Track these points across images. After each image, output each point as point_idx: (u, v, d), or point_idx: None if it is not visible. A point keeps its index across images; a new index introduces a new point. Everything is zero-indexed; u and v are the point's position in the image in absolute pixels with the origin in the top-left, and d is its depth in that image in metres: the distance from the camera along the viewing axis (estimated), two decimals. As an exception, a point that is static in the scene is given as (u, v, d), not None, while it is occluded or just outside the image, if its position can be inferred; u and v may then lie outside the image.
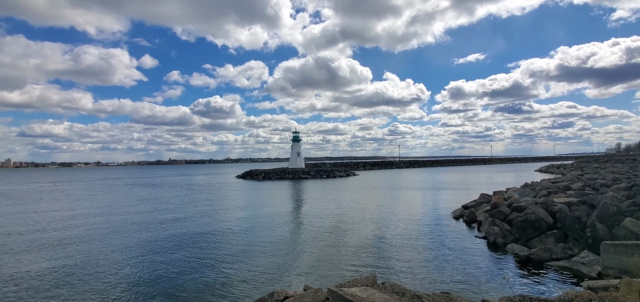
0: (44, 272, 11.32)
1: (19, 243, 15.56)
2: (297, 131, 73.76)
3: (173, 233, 17.19)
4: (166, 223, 20.01)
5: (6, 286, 10.19)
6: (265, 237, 15.79)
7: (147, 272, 11.17)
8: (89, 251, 14.07)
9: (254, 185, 50.18)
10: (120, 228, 18.74)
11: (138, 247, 14.53)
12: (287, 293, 7.14)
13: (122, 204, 29.66)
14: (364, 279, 8.19)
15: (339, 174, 66.73)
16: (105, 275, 11.02)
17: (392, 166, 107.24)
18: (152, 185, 54.68)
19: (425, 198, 29.84)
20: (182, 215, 22.93)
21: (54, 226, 19.64)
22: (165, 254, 13.40)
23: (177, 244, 14.97)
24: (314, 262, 11.91)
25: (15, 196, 39.68)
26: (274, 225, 18.76)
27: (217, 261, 12.21)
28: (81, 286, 10.06)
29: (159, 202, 31.03)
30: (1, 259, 13.06)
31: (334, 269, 11.11)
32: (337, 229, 17.20)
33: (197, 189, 44.39)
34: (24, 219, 22.63)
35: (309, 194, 35.81)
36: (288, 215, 22.28)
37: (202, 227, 18.48)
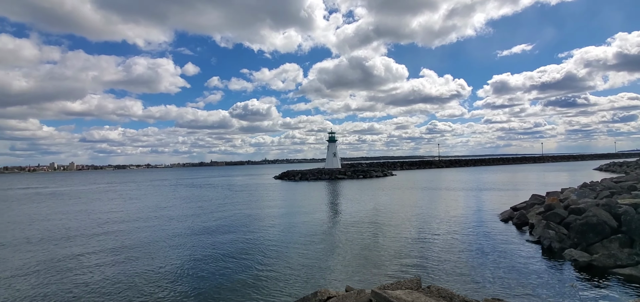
0: (101, 267, 12.37)
1: (79, 240, 17.15)
2: (332, 132, 73.92)
3: (216, 232, 17.96)
4: (209, 223, 20.95)
5: (69, 277, 11.27)
6: (304, 238, 15.95)
7: (192, 270, 11.77)
8: (139, 248, 15.13)
9: (291, 186, 51.04)
10: (167, 227, 19.94)
11: (183, 246, 15.35)
12: (330, 293, 7.13)
13: (169, 205, 31.58)
14: (408, 281, 7.97)
15: (376, 174, 65.77)
16: (154, 272, 11.77)
17: (431, 165, 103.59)
18: (195, 186, 57.68)
19: (469, 199, 28.42)
20: (224, 215, 23.88)
21: (109, 224, 21.40)
22: (209, 253, 14.02)
23: (219, 243, 15.61)
24: (353, 263, 11.81)
25: (77, 196, 43.85)
26: (312, 225, 18.91)
27: (258, 260, 12.55)
28: (133, 282, 10.84)
29: (202, 202, 32.62)
30: (63, 253, 14.48)
31: (375, 271, 10.93)
32: (376, 230, 16.94)
33: (237, 190, 46.08)
34: (84, 217, 24.92)
35: (346, 194, 35.68)
36: (326, 215, 22.35)
37: (243, 227, 19.12)
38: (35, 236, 18.01)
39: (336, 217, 21.45)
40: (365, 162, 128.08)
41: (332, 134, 73.50)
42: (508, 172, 71.93)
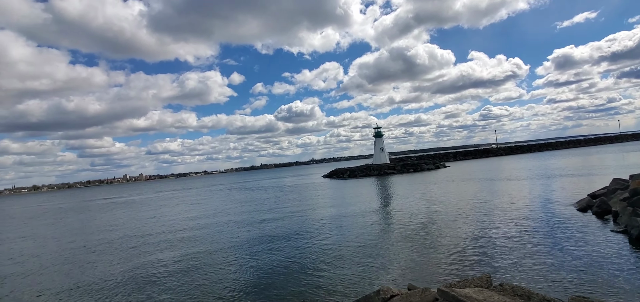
0: (170, 267, 13.42)
1: (151, 243, 18.80)
2: (378, 127, 72.54)
3: (272, 232, 18.54)
4: (265, 223, 21.71)
5: (144, 277, 12.38)
6: (358, 235, 15.80)
7: (251, 269, 12.25)
8: (202, 249, 16.14)
9: (340, 183, 51.08)
10: (226, 229, 21.04)
11: (242, 246, 16.07)
12: (392, 291, 6.92)
13: (226, 208, 33.38)
14: (477, 279, 7.45)
15: (427, 167, 63.16)
16: (216, 271, 12.46)
17: (488, 154, 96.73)
18: (248, 188, 60.37)
19: (537, 188, 25.97)
20: (278, 215, 24.60)
21: (175, 228, 23.19)
22: (266, 251, 14.50)
23: (275, 242, 16.07)
24: (412, 261, 11.39)
25: (147, 203, 48.35)
26: (365, 223, 18.68)
27: (316, 259, 12.67)
28: (199, 282, 11.57)
29: (257, 204, 33.96)
30: (138, 255, 15.97)
31: (436, 268, 10.43)
32: (432, 226, 16.21)
33: (287, 191, 47.27)
34: (154, 222, 27.31)
35: (397, 189, 34.75)
36: (378, 211, 21.95)
37: (297, 227, 19.50)
38: (115, 240, 20.17)
39: (389, 214, 20.95)
40: (415, 155, 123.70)
41: (378, 129, 72.18)
42: (580, 155, 64.35)
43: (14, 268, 15.65)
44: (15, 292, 12.05)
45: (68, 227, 29.09)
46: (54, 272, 14.36)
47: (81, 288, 11.75)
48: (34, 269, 15.19)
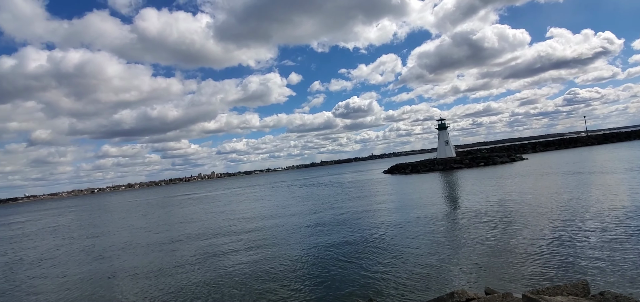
0: (236, 257, 14.23)
1: (221, 235, 20.21)
2: (442, 118, 68.27)
3: (333, 228, 18.59)
4: (326, 219, 21.90)
5: (216, 266, 13.29)
6: (425, 233, 14.99)
7: (315, 265, 12.37)
8: (267, 243, 16.81)
9: (402, 179, 49.38)
10: (289, 223, 21.70)
11: (305, 241, 16.38)
12: (468, 295, 6.33)
13: (289, 203, 34.52)
14: (571, 286, 6.45)
15: (501, 159, 57.63)
16: (280, 266, 12.83)
17: (575, 144, 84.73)
18: (308, 185, 61.74)
19: (638, 182, 21.90)
20: (339, 211, 24.62)
21: (242, 222, 24.63)
22: (329, 247, 14.54)
23: (338, 238, 16.05)
24: (487, 263, 10.38)
25: (218, 199, 52.41)
26: (432, 220, 17.67)
27: (379, 256, 12.33)
28: (262, 274, 12.03)
29: (318, 200, 34.51)
30: (212, 246, 17.25)
31: (517, 271, 9.34)
32: (509, 224, 14.64)
33: (347, 187, 47.17)
34: (225, 215, 29.40)
35: (465, 184, 32.33)
36: (445, 208, 20.62)
37: (359, 222, 19.27)
38: (192, 232, 22.19)
39: (457, 211, 19.54)
40: (485, 147, 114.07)
41: (442, 121, 67.95)
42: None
43: (114, 253, 18.18)
44: (115, 274, 13.94)
45: (154, 220, 32.93)
46: (143, 258, 16.30)
47: (164, 273, 13.13)
48: (128, 256, 17.44)
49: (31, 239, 29.65)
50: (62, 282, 13.81)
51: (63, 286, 13.25)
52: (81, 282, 13.58)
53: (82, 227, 33.99)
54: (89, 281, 13.62)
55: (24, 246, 25.84)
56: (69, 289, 12.83)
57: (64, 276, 14.83)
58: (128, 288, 12.04)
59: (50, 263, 17.87)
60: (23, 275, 15.98)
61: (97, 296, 11.66)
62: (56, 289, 12.95)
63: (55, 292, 12.65)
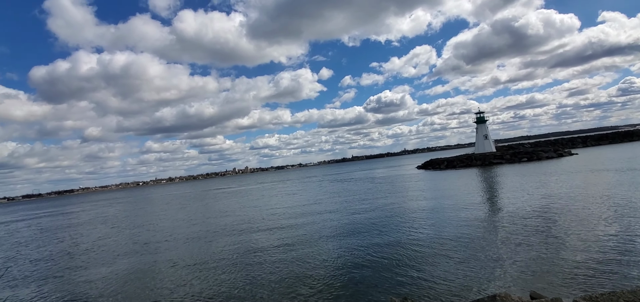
0: (268, 251, 14.44)
1: (254, 227, 20.67)
2: (480, 112, 64.92)
3: (365, 224, 18.34)
4: (357, 214, 21.68)
5: (248, 258, 13.58)
6: (462, 232, 14.33)
7: (345, 262, 12.25)
8: (298, 239, 16.91)
9: (437, 175, 47.72)
10: (320, 219, 21.73)
11: (336, 237, 16.30)
12: (512, 298, 5.91)
13: (319, 198, 34.62)
14: (629, 293, 5.80)
15: (546, 155, 53.86)
16: (310, 261, 12.83)
17: (632, 137, 77.10)
18: (340, 180, 61.53)
19: None
20: (370, 206, 24.28)
21: (274, 215, 25.03)
22: (360, 244, 14.34)
23: (369, 235, 15.80)
24: (532, 264, 9.69)
25: (251, 193, 53.81)
26: (468, 218, 16.87)
27: (414, 255, 11.97)
28: (297, 268, 12.09)
29: (348, 195, 34.28)
30: (246, 239, 17.68)
31: (565, 276, 8.62)
32: (555, 224, 13.59)
33: (379, 182, 46.41)
34: (256, 210, 30.10)
35: (506, 181, 30.55)
36: (483, 206, 19.60)
37: (391, 219, 18.86)
38: (227, 224, 22.94)
39: (497, 209, 18.48)
40: (528, 141, 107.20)
41: (481, 114, 64.60)
42: None
43: (156, 243, 19.25)
44: (157, 262, 14.74)
45: (193, 213, 34.51)
46: (183, 248, 17.10)
47: (200, 263, 13.68)
48: (169, 245, 18.39)
49: (85, 227, 32.28)
50: (111, 268, 14.86)
51: (112, 271, 14.25)
52: (127, 268, 14.52)
53: (129, 218, 36.43)
54: (134, 267, 14.52)
55: (79, 232, 28.18)
56: (116, 274, 13.77)
57: (113, 263, 15.94)
58: (168, 275, 12.69)
59: (101, 249, 19.32)
60: (78, 260, 17.40)
61: (141, 281, 12.40)
62: (106, 274, 13.94)
63: (105, 276, 13.62)
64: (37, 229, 35.02)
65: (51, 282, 13.82)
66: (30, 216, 58.99)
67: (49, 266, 16.86)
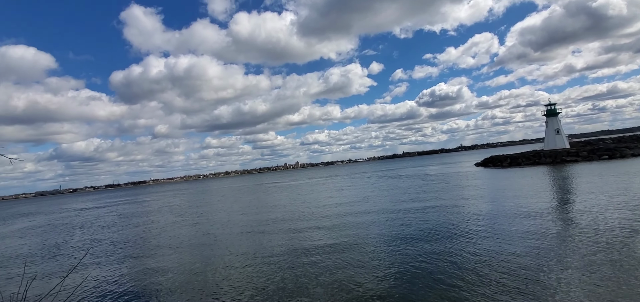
0: (315, 249, 14.50)
1: (303, 222, 20.98)
2: (552, 103, 58.27)
3: (415, 226, 17.61)
4: (407, 214, 20.91)
5: (295, 252, 13.77)
6: (530, 242, 13.00)
7: (398, 262, 11.81)
8: (344, 239, 16.75)
9: (498, 173, 44.11)
10: (367, 218, 21.34)
11: (384, 238, 15.84)
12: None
13: (368, 194, 34.07)
14: None
15: (632, 152, 46.82)
16: (363, 257, 12.59)
17: None
18: (390, 176, 60.00)
19: None
20: (422, 206, 23.26)
21: (323, 212, 25.16)
22: (411, 250, 13.73)
23: (420, 239, 15.10)
24: (611, 279, 8.41)
25: (301, 188, 54.90)
26: (536, 221, 15.29)
27: (475, 272, 11.15)
28: (344, 264, 11.96)
29: (398, 192, 33.25)
30: (292, 231, 18.00)
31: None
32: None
33: (432, 179, 44.28)
34: (305, 205, 30.56)
35: (583, 182, 27.13)
36: (556, 211, 17.62)
37: (446, 219, 17.87)
38: (278, 218, 23.68)
39: (572, 218, 16.44)
40: (609, 136, 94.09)
41: (552, 106, 58.04)
42: None
43: (215, 230, 20.57)
44: (214, 248, 15.73)
45: (247, 204, 36.32)
46: (237, 237, 18.05)
47: (252, 252, 14.28)
48: (225, 233, 19.53)
49: (155, 214, 35.80)
50: (176, 252, 16.23)
51: (177, 255, 15.54)
52: (190, 252, 15.74)
53: (191, 208, 39.54)
54: (195, 252, 15.68)
55: (150, 219, 31.34)
56: (180, 257, 14.98)
57: (178, 246, 17.42)
58: (224, 262, 13.47)
59: (168, 235, 21.24)
60: (151, 242, 19.34)
61: (202, 265, 13.33)
62: (172, 257, 15.25)
63: (170, 259, 14.91)
64: (117, 215, 39.67)
65: (127, 262, 15.49)
66: (111, 203, 67.10)
67: (126, 247, 18.96)
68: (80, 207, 65.39)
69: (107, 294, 11.37)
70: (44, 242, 23.88)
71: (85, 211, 52.94)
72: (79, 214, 46.47)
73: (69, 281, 12.65)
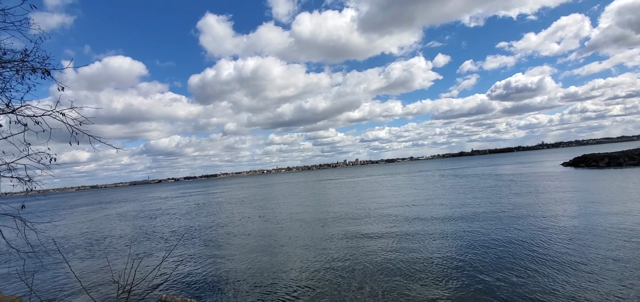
0: (384, 245, 13.99)
1: (364, 221, 20.55)
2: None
3: (488, 228, 16.06)
4: (478, 216, 19.22)
5: (358, 251, 13.45)
6: (632, 252, 10.90)
7: (465, 270, 10.85)
8: (407, 235, 15.92)
9: (593, 175, 37.91)
10: (432, 223, 20.05)
11: (452, 239, 14.70)
12: None
13: (432, 194, 32.16)
14: None
15: None
16: (426, 261, 11.82)
17: None
18: (456, 176, 55.98)
19: None
20: (495, 209, 21.19)
21: (384, 209, 24.39)
22: (483, 251, 12.54)
23: (493, 241, 13.72)
24: None
25: (360, 185, 54.26)
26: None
27: (553, 272, 9.74)
28: (405, 268, 11.32)
29: (467, 192, 30.78)
30: (350, 228, 17.69)
31: None
32: None
33: (507, 181, 40.08)
34: (365, 203, 29.95)
35: None
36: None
37: (524, 224, 16.01)
38: (339, 214, 23.66)
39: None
40: None
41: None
42: None
43: (278, 222, 21.36)
44: (278, 237, 16.29)
45: (307, 200, 37.19)
46: (298, 229, 18.48)
47: (314, 245, 14.42)
48: (287, 225, 20.15)
49: (225, 205, 38.70)
50: (245, 239, 17.22)
51: (246, 242, 16.48)
52: (257, 240, 16.57)
53: (257, 200, 41.84)
54: (262, 240, 16.44)
55: (223, 209, 33.99)
56: (248, 243, 15.84)
57: (248, 234, 18.49)
58: (287, 250, 13.87)
59: (238, 223, 22.72)
60: (223, 230, 20.90)
61: (267, 251, 13.92)
62: (241, 242, 16.21)
63: (239, 244, 15.86)
64: (195, 204, 43.82)
65: (208, 245, 16.91)
66: (189, 193, 74.44)
67: (205, 232, 20.75)
68: (164, 196, 73.78)
69: (195, 274, 12.48)
70: (142, 225, 27.35)
71: (169, 199, 59.51)
72: (164, 202, 52.50)
73: (166, 262, 14.20)
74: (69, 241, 21.43)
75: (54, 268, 14.31)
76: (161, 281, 11.09)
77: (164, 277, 11.81)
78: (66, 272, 13.47)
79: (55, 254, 15.60)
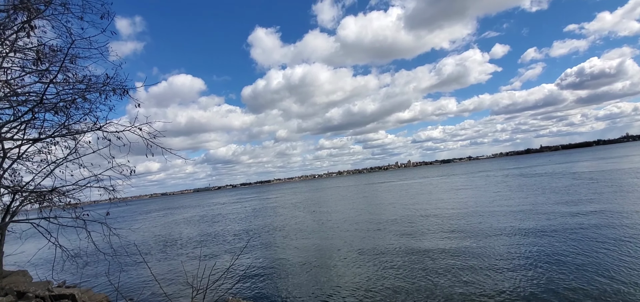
0: (446, 249, 13.13)
1: (419, 224, 19.58)
2: None
3: (564, 237, 14.29)
4: (550, 221, 17.23)
5: (414, 255, 12.76)
6: None
7: (534, 283, 9.72)
8: (483, 238, 14.76)
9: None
10: (508, 218, 18.50)
11: (520, 249, 13.34)
12: None
13: (503, 195, 29.67)
14: None
15: None
16: (489, 272, 10.82)
17: None
18: (525, 175, 50.99)
19: None
20: (573, 211, 18.82)
21: (439, 215, 23.04)
22: (560, 268, 11.15)
23: (574, 256, 12.13)
24: None
25: (412, 187, 52.06)
26: None
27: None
28: (484, 272, 10.45)
29: (537, 193, 27.83)
30: (409, 232, 16.91)
31: None
32: None
33: (585, 179, 35.38)
34: (419, 206, 28.59)
35: None
36: None
37: (620, 252, 13.91)
38: (396, 217, 22.94)
39: None
40: None
41: None
42: None
43: (332, 227, 21.38)
44: (332, 242, 16.25)
45: (359, 204, 36.81)
46: (353, 234, 18.29)
47: (368, 250, 14.08)
48: (341, 230, 20.05)
49: (280, 210, 39.98)
50: (302, 242, 17.53)
51: (304, 245, 16.75)
52: (314, 243, 16.74)
53: (310, 205, 42.53)
54: (318, 244, 16.57)
55: (279, 212, 35.19)
56: (306, 247, 16.06)
57: (305, 238, 18.85)
58: (343, 255, 13.75)
59: (295, 227, 23.28)
60: (280, 233, 21.56)
61: (324, 255, 13.97)
62: (300, 245, 16.51)
63: (298, 247, 16.17)
64: (251, 209, 45.97)
65: (272, 248, 17.55)
66: (246, 199, 78.38)
67: (268, 236, 21.60)
68: (223, 201, 78.64)
69: (259, 278, 13.01)
70: (206, 229, 29.40)
71: (227, 204, 63.27)
72: (223, 207, 55.94)
73: (233, 265, 15.05)
74: (146, 244, 23.78)
75: (135, 269, 15.93)
76: (229, 284, 11.70)
77: (232, 281, 12.46)
78: (146, 273, 14.89)
79: (136, 256, 17.35)
